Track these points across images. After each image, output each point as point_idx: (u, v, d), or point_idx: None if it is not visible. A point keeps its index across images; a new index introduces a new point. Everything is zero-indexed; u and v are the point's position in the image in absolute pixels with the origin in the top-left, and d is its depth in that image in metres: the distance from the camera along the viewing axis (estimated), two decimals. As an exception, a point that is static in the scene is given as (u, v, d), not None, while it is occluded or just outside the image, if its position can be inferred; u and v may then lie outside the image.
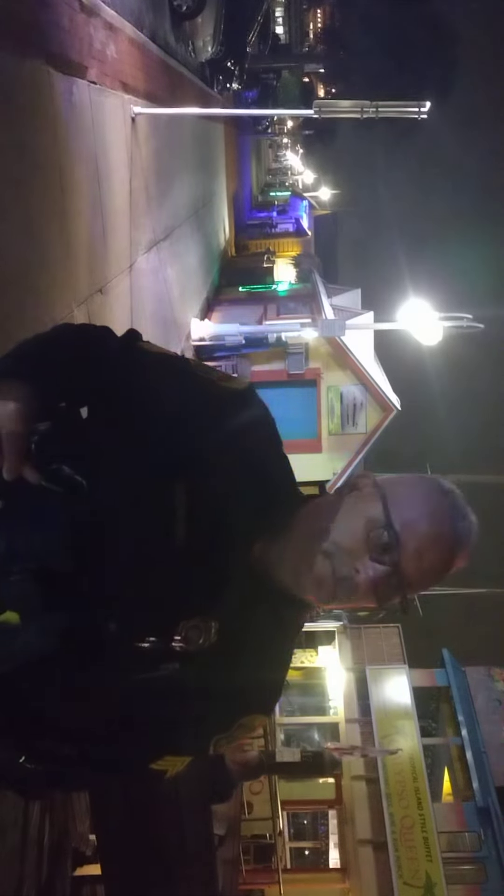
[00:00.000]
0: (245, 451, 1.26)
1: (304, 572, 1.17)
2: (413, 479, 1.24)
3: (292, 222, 31.22)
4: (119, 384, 1.30)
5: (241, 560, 1.22)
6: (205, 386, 1.31)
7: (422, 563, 1.14)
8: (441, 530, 1.15)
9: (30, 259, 4.29)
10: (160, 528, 1.19)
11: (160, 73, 9.04)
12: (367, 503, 1.17)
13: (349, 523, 1.16)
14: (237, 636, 1.23)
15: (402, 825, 9.78)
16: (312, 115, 7.47)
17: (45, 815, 4.17)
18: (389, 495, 1.17)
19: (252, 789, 8.26)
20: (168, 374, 1.33)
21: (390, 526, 1.13)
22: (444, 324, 9.53)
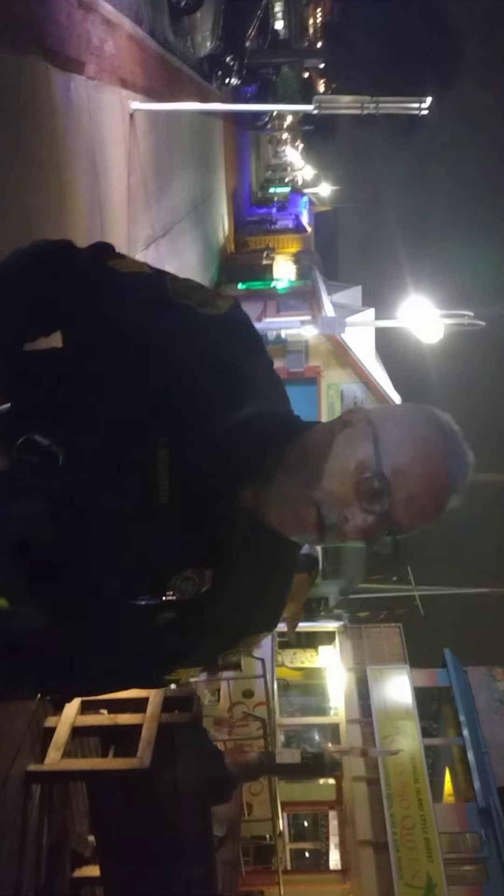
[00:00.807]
0: (231, 386, 1.18)
1: (290, 518, 1.14)
2: (408, 416, 1.17)
3: (292, 219, 31.20)
4: (87, 311, 1.20)
5: (232, 507, 1.17)
6: (183, 315, 1.21)
7: (413, 508, 1.10)
8: (434, 474, 1.10)
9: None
10: (143, 489, 1.14)
11: (159, 69, 8.99)
12: (357, 444, 1.12)
13: (338, 467, 1.11)
14: (233, 575, 1.20)
15: (402, 826, 9.76)
16: (312, 110, 7.41)
17: (44, 816, 4.15)
18: (381, 435, 1.11)
19: (252, 790, 8.23)
20: (141, 302, 1.21)
21: (381, 473, 1.08)
22: (445, 321, 9.49)
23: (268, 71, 28.29)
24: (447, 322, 9.50)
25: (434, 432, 1.13)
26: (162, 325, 1.18)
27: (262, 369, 1.26)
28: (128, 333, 1.17)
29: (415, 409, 1.19)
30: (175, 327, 1.18)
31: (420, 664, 12.43)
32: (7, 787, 3.65)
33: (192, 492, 1.15)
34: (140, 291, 1.22)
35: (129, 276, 1.24)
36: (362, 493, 1.09)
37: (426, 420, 1.15)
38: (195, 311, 1.21)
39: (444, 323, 9.50)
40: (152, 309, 1.20)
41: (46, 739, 4.06)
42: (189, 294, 1.24)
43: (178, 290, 1.24)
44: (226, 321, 1.24)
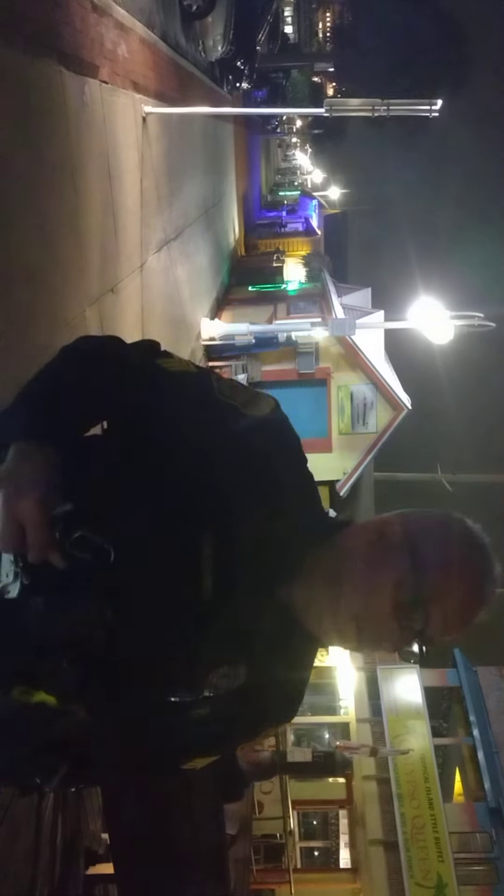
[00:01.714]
0: (272, 487, 1.22)
1: (330, 628, 1.19)
2: (444, 531, 1.19)
3: (302, 222, 31.21)
4: (139, 408, 1.24)
5: (269, 605, 1.21)
6: (229, 415, 1.25)
7: (447, 626, 1.14)
8: (470, 595, 1.14)
9: (42, 258, 4.29)
10: (188, 586, 1.17)
11: (171, 73, 9.04)
12: (395, 560, 1.13)
13: (377, 584, 1.13)
14: (265, 669, 1.24)
15: (413, 825, 9.76)
16: (323, 113, 7.45)
17: (58, 814, 4.18)
18: (419, 551, 1.13)
19: (263, 789, 8.26)
20: (189, 401, 1.25)
21: (420, 595, 1.11)
22: (455, 322, 9.49)
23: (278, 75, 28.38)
24: (457, 323, 9.51)
25: (469, 550, 1.16)
26: (209, 424, 1.23)
27: (300, 471, 1.30)
28: (176, 431, 1.21)
29: (449, 522, 1.20)
30: (221, 427, 1.23)
31: (430, 664, 12.42)
32: (22, 784, 3.68)
33: (234, 589, 1.18)
34: (188, 390, 1.27)
35: (178, 375, 1.28)
36: (401, 613, 1.12)
37: (461, 536, 1.17)
38: (240, 412, 1.26)
39: (454, 324, 9.51)
40: (200, 408, 1.24)
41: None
42: (234, 394, 1.28)
43: (224, 391, 1.28)
44: (270, 424, 1.28)
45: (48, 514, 1.10)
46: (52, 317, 4.41)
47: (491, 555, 1.18)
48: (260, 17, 16.71)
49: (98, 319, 5.33)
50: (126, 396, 1.24)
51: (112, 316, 5.77)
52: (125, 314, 6.26)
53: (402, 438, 14.45)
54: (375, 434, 13.36)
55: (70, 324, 4.68)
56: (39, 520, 1.09)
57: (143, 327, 6.91)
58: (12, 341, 3.79)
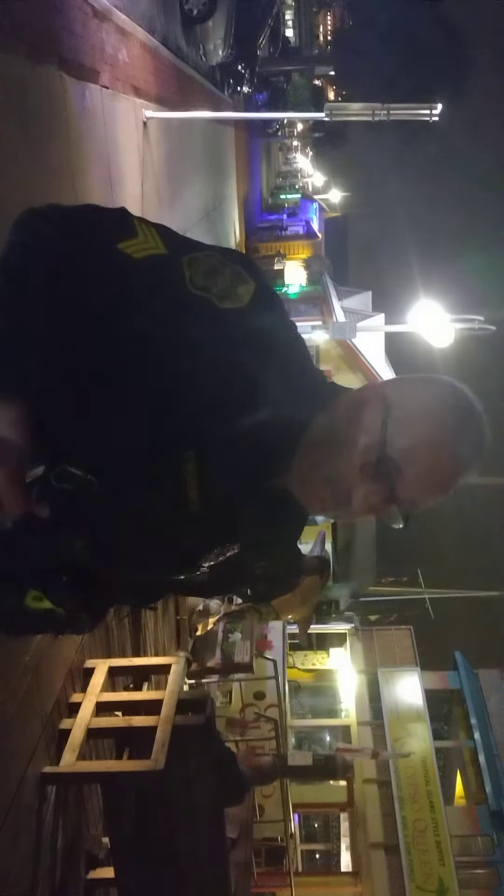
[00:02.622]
0: (253, 384, 1.15)
1: (310, 496, 1.20)
2: (424, 394, 1.16)
3: (302, 225, 31.24)
4: (105, 317, 1.15)
5: (259, 495, 1.23)
6: (201, 311, 1.14)
7: (420, 487, 1.13)
8: (442, 456, 1.12)
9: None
10: (174, 501, 1.19)
11: (171, 77, 9.06)
12: (366, 424, 1.13)
13: (346, 449, 1.14)
14: (257, 543, 1.31)
15: (414, 828, 9.75)
16: (324, 118, 7.46)
17: (59, 818, 4.18)
18: (392, 415, 1.12)
19: (264, 792, 8.25)
20: (157, 300, 1.15)
21: (384, 455, 1.10)
22: (455, 326, 9.50)
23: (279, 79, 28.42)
24: (457, 326, 9.52)
25: (448, 411, 1.14)
26: (179, 324, 1.14)
27: (285, 349, 1.22)
28: (145, 337, 1.14)
29: (433, 385, 1.18)
30: (192, 329, 1.14)
31: (431, 667, 12.43)
32: (22, 789, 3.68)
33: (220, 495, 1.19)
34: (156, 284, 1.16)
35: (145, 262, 1.17)
36: (365, 474, 1.12)
37: (442, 398, 1.15)
38: (215, 307, 1.15)
39: (454, 327, 9.52)
40: (169, 306, 1.15)
41: (61, 741, 4.09)
42: (208, 284, 1.17)
43: (196, 281, 1.16)
44: (248, 315, 1.17)
45: (22, 482, 1.11)
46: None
47: (476, 418, 1.16)
48: (261, 20, 16.75)
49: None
50: (92, 307, 1.15)
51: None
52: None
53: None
54: (376, 437, 13.37)
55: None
56: (14, 490, 1.10)
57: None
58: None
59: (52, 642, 4.03)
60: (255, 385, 1.15)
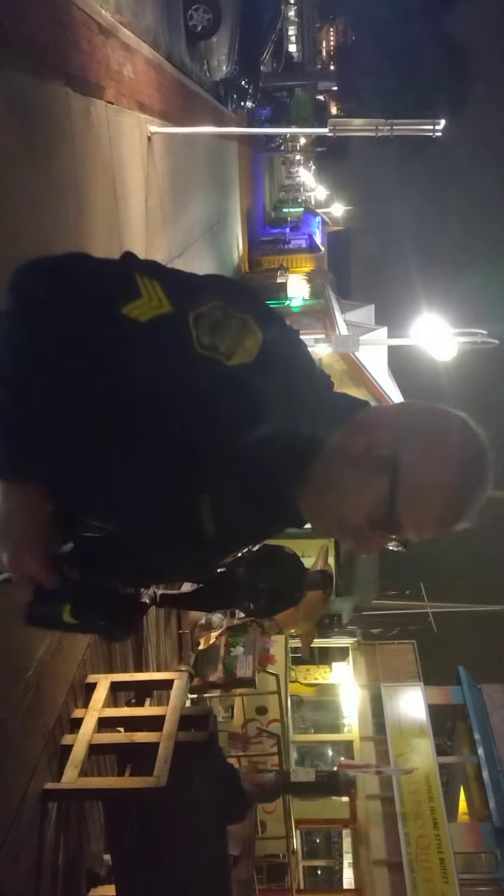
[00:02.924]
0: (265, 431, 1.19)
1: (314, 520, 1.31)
2: (437, 450, 1.18)
3: (305, 238, 31.37)
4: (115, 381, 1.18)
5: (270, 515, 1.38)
6: (211, 371, 1.16)
7: (421, 531, 1.20)
8: (446, 511, 1.17)
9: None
10: (191, 535, 1.30)
11: (176, 93, 9.12)
12: (375, 479, 1.17)
13: (355, 498, 1.20)
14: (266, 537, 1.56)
15: (417, 845, 9.67)
16: (327, 133, 7.50)
17: (60, 835, 4.15)
18: (401, 470, 1.16)
19: (266, 808, 8.19)
20: (166, 365, 1.17)
21: (392, 514, 1.17)
22: (458, 339, 9.51)
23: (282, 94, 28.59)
24: (460, 340, 9.53)
25: (457, 472, 1.17)
26: (188, 388, 1.17)
27: (294, 386, 1.24)
28: (155, 402, 1.18)
29: (446, 431, 1.21)
30: (201, 390, 1.16)
31: (434, 681, 12.36)
32: (24, 806, 3.66)
33: (234, 522, 1.31)
34: (163, 349, 1.17)
35: (151, 326, 1.17)
36: (374, 525, 1.20)
37: (453, 455, 1.18)
38: (223, 366, 1.16)
39: (457, 341, 9.53)
40: (178, 369, 1.17)
41: (63, 757, 4.07)
42: (215, 343, 1.17)
43: (203, 340, 1.16)
44: (256, 369, 1.18)
45: (51, 563, 1.27)
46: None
47: (483, 467, 1.20)
48: (264, 36, 16.87)
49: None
50: (100, 380, 1.19)
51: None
52: (130, 332, 6.29)
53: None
54: (379, 450, 13.36)
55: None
56: (46, 573, 1.27)
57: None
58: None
59: (53, 657, 4.02)
60: (263, 435, 1.20)
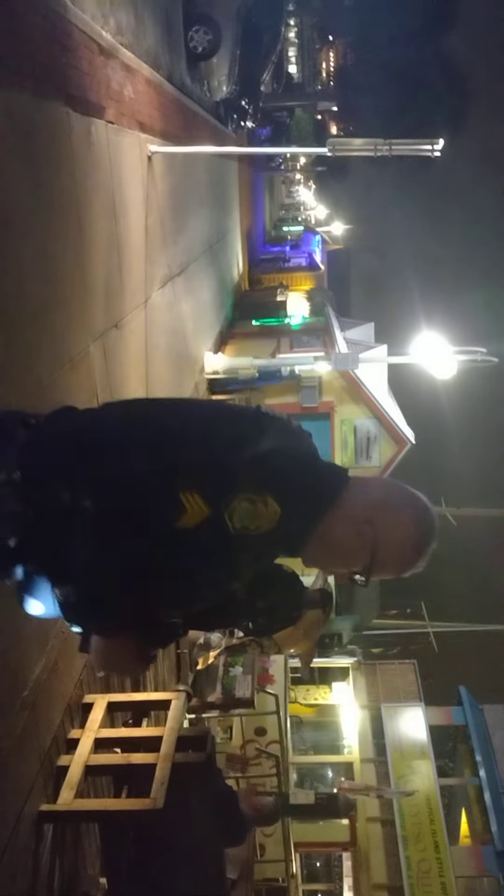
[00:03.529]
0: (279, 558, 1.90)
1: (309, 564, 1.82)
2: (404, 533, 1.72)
3: (305, 257, 31.51)
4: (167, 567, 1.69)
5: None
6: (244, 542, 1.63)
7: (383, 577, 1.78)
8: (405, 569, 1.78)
9: (47, 296, 4.33)
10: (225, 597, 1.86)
11: (176, 113, 9.19)
12: (358, 557, 1.71)
13: (342, 565, 1.77)
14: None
15: (418, 869, 9.55)
16: (326, 152, 7.54)
17: (56, 857, 4.10)
18: (377, 558, 1.71)
19: (265, 831, 8.09)
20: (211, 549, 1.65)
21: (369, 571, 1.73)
22: (457, 357, 9.52)
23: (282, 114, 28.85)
24: (460, 358, 9.54)
25: (415, 546, 1.74)
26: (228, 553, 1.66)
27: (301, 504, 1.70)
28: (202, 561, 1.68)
29: (410, 523, 1.73)
30: (236, 547, 1.64)
31: (435, 702, 12.27)
32: (19, 828, 3.62)
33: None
34: (209, 543, 1.64)
35: (197, 529, 1.62)
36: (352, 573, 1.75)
37: (415, 535, 1.73)
38: (252, 537, 1.62)
39: (456, 359, 9.54)
40: (219, 548, 1.64)
41: (59, 778, 4.02)
42: (246, 524, 1.61)
43: (237, 525, 1.61)
44: (277, 529, 1.63)
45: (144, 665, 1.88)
46: (56, 352, 4.43)
47: (431, 543, 1.75)
48: (264, 57, 17.03)
49: (102, 355, 5.35)
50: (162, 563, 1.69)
51: (116, 351, 5.79)
52: (129, 349, 6.29)
53: (405, 472, 14.42)
54: (379, 468, 13.35)
55: (74, 359, 4.70)
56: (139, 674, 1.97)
57: (146, 362, 6.93)
58: (15, 377, 3.80)
59: (50, 677, 3.98)
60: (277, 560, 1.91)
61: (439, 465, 24.80)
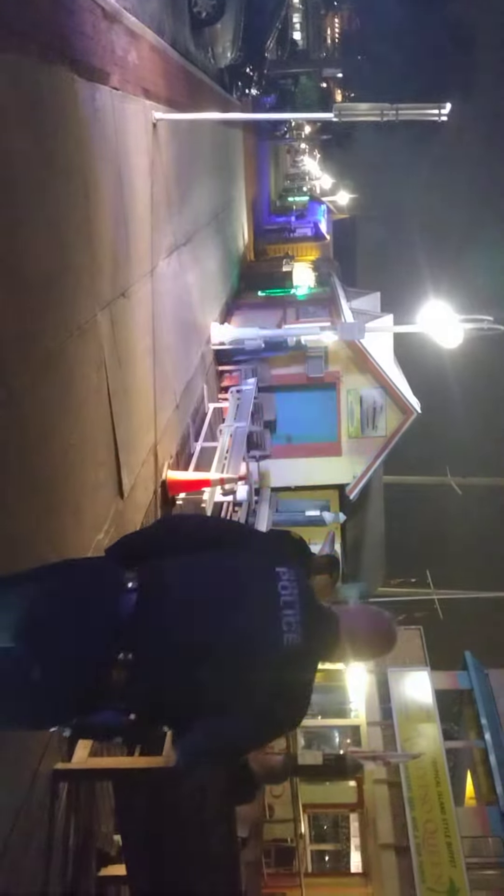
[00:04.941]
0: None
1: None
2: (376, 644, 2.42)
3: (311, 227, 31.28)
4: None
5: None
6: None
7: None
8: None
9: (54, 264, 4.34)
10: None
11: (180, 79, 9.10)
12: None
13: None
14: None
15: (424, 830, 9.73)
16: (332, 118, 7.46)
17: (71, 815, 4.20)
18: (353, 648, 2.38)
19: (273, 792, 8.26)
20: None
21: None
22: (464, 326, 9.50)
23: (287, 81, 28.45)
24: (466, 327, 9.51)
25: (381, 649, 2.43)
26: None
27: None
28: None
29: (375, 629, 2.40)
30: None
31: (441, 666, 12.39)
32: (35, 786, 3.71)
33: None
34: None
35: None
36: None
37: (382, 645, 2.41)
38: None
39: (463, 328, 9.52)
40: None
41: (73, 738, 4.12)
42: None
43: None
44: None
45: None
46: (64, 321, 4.45)
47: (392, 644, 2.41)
48: (268, 23, 16.79)
49: (109, 324, 5.37)
50: None
51: (123, 321, 5.81)
52: (136, 319, 6.30)
53: (411, 442, 14.45)
54: (385, 438, 13.37)
55: (82, 328, 4.72)
56: None
57: (153, 332, 6.95)
58: (25, 346, 3.83)
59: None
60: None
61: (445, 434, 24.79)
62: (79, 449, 4.57)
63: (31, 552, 3.78)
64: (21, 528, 3.69)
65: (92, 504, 4.80)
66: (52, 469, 4.14)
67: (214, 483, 7.49)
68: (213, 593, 2.01)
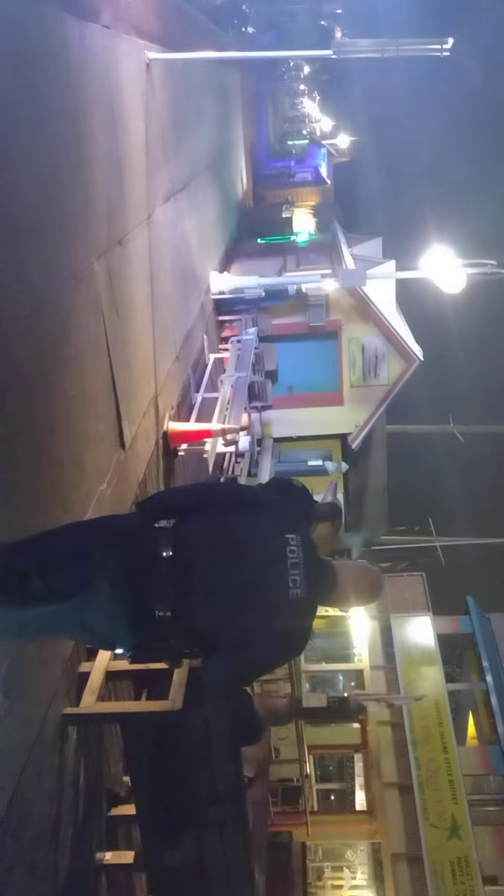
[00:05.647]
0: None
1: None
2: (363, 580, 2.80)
3: (311, 171, 30.74)
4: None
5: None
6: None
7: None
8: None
9: (48, 210, 4.25)
10: None
11: (174, 18, 8.83)
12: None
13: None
14: None
15: (427, 769, 9.96)
16: (331, 55, 7.26)
17: (81, 757, 4.29)
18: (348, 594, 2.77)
19: (279, 735, 8.43)
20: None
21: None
22: (467, 271, 9.37)
23: (284, 19, 27.64)
24: (469, 272, 9.39)
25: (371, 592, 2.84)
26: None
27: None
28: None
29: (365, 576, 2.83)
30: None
31: (443, 611, 12.54)
32: (44, 730, 3.77)
33: None
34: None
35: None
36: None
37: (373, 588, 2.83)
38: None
39: (466, 273, 9.39)
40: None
41: (81, 684, 4.18)
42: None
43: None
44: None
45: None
46: (59, 269, 4.38)
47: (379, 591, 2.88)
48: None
49: (106, 272, 5.29)
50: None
51: (120, 269, 5.73)
52: (133, 267, 6.21)
53: (414, 390, 14.38)
54: (387, 386, 13.30)
55: (78, 277, 4.65)
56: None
57: (151, 280, 6.86)
58: (21, 296, 3.77)
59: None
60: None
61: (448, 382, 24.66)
62: (79, 400, 4.55)
63: (36, 505, 3.79)
64: (25, 480, 3.69)
65: (94, 455, 4.80)
66: (54, 420, 4.12)
67: (216, 434, 7.48)
68: (236, 551, 2.50)
